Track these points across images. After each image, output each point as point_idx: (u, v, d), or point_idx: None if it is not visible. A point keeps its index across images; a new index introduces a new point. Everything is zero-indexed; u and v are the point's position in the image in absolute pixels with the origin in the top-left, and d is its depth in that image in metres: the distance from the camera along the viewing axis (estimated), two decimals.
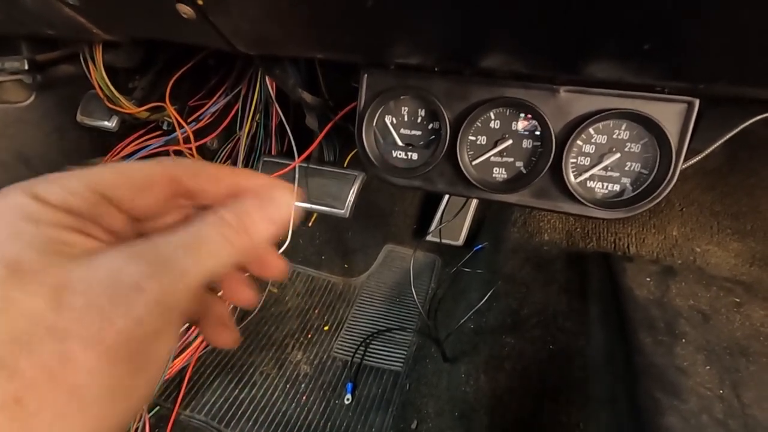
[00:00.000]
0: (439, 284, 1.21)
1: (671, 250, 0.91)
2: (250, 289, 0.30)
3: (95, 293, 0.19)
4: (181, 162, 0.25)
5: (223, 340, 0.29)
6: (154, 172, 0.24)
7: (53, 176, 0.21)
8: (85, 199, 0.21)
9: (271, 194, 0.26)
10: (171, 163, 0.25)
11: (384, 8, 0.36)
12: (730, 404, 0.59)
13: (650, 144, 0.46)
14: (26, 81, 0.84)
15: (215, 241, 0.22)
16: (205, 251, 0.22)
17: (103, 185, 0.22)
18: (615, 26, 0.33)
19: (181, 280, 0.21)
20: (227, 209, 0.24)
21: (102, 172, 0.23)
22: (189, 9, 0.42)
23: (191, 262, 0.21)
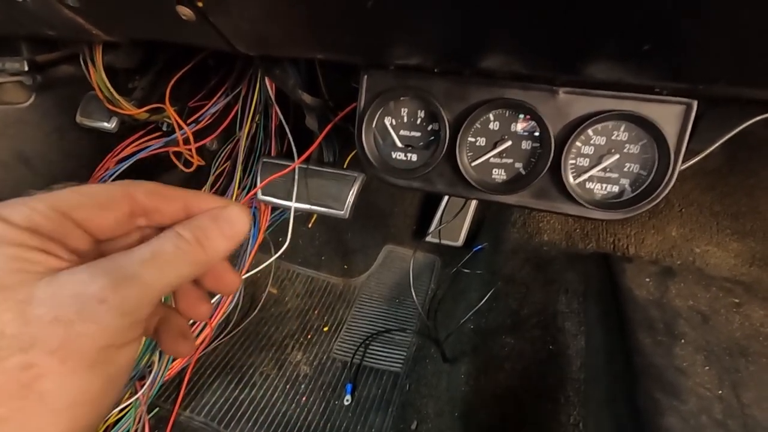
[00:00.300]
0: (439, 285, 1.21)
1: (670, 250, 0.91)
2: (206, 304, 0.32)
3: (61, 306, 0.20)
4: (138, 183, 0.27)
5: (182, 350, 0.31)
6: (113, 192, 0.26)
7: (19, 199, 0.23)
8: (49, 218, 0.23)
9: (225, 212, 0.27)
10: (128, 183, 0.27)
11: (384, 9, 0.37)
12: (730, 404, 0.59)
13: (649, 145, 0.46)
14: (26, 82, 0.84)
15: (172, 255, 0.24)
16: (164, 264, 0.23)
17: (66, 205, 0.24)
18: (615, 27, 0.33)
19: (141, 291, 0.22)
20: (183, 225, 0.25)
21: (65, 194, 0.24)
22: (189, 11, 0.42)
23: (151, 274, 0.23)
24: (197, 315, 0.31)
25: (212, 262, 0.26)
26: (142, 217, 0.27)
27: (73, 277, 0.21)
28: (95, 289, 0.21)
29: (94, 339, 0.20)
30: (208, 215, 0.27)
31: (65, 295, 0.20)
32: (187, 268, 0.24)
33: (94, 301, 0.20)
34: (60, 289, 0.20)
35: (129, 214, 0.26)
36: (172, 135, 1.01)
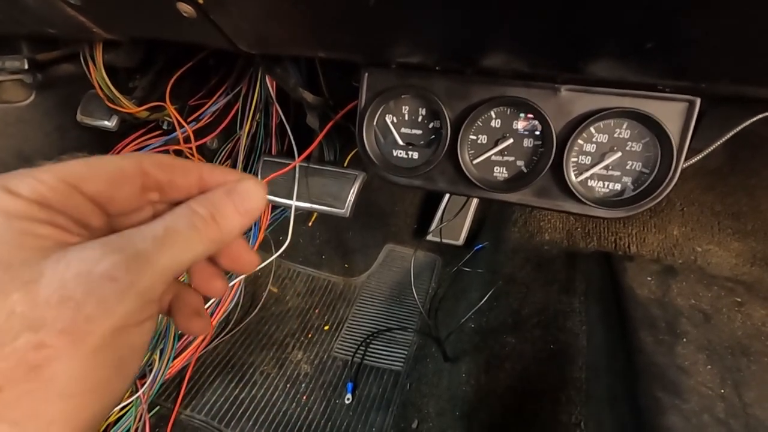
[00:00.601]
0: (440, 284, 1.21)
1: (672, 249, 0.91)
2: (221, 281, 0.30)
3: (69, 286, 0.19)
4: (150, 155, 0.26)
5: (197, 328, 0.30)
6: (125, 165, 0.24)
7: (26, 171, 0.21)
8: (58, 190, 0.21)
9: (241, 186, 0.26)
10: (141, 156, 0.25)
11: (385, 8, 0.36)
12: (732, 403, 0.59)
13: (651, 143, 0.46)
14: (26, 80, 0.84)
15: (186, 231, 0.23)
16: (177, 242, 0.22)
17: (76, 177, 0.22)
18: (617, 25, 0.32)
19: (154, 270, 0.21)
20: (197, 201, 0.24)
21: (74, 165, 0.23)
22: (190, 8, 0.42)
23: (163, 252, 0.21)
24: (212, 292, 0.30)
25: (227, 240, 0.25)
26: (155, 192, 0.26)
27: (83, 253, 0.20)
28: (105, 266, 0.19)
29: (105, 320, 0.19)
30: (223, 190, 0.25)
31: (73, 273, 0.19)
32: (201, 246, 0.23)
33: (104, 280, 0.19)
34: (68, 266, 0.19)
35: (141, 188, 0.25)
36: (173, 133, 1.01)
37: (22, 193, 0.20)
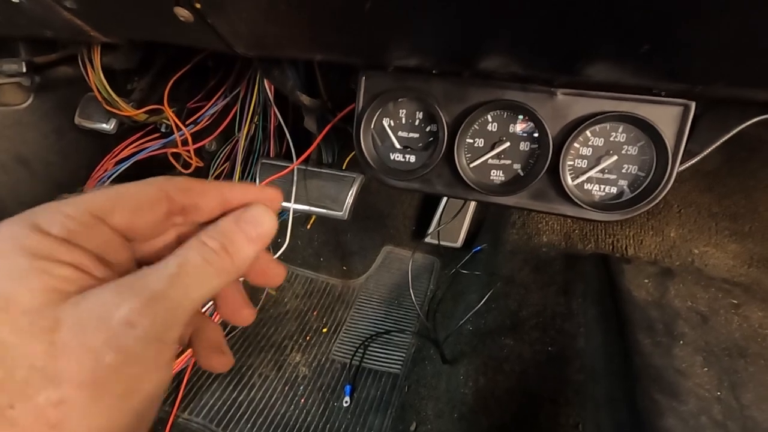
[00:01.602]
0: (438, 286, 1.21)
1: (669, 251, 0.91)
2: (248, 309, 0.30)
3: (88, 333, 0.19)
4: (171, 179, 0.25)
5: (218, 365, 0.29)
6: (150, 192, 0.24)
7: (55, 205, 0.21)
8: (86, 225, 0.21)
9: (249, 214, 0.26)
10: (162, 181, 0.25)
11: (382, 11, 0.37)
12: (729, 405, 0.59)
13: (647, 146, 0.46)
14: (24, 83, 0.84)
15: (200, 266, 0.23)
16: (192, 278, 0.22)
17: (102, 210, 0.22)
18: (612, 29, 0.33)
19: (171, 311, 0.21)
20: (208, 233, 0.24)
21: (100, 197, 0.23)
22: (187, 12, 0.42)
23: (180, 293, 0.21)
24: (240, 321, 0.30)
25: (242, 269, 0.25)
26: (179, 216, 0.26)
27: (101, 298, 0.20)
28: (124, 312, 0.19)
29: (125, 369, 0.19)
30: (232, 218, 0.26)
31: (92, 320, 0.19)
32: (216, 280, 0.23)
33: (123, 327, 0.19)
34: (86, 313, 0.19)
35: (166, 214, 0.25)
36: (171, 136, 1.01)
37: (51, 231, 0.20)
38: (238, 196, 0.27)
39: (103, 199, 0.23)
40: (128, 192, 0.24)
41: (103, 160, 1.04)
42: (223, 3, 0.40)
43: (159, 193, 0.25)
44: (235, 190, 0.27)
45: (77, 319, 0.19)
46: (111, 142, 1.03)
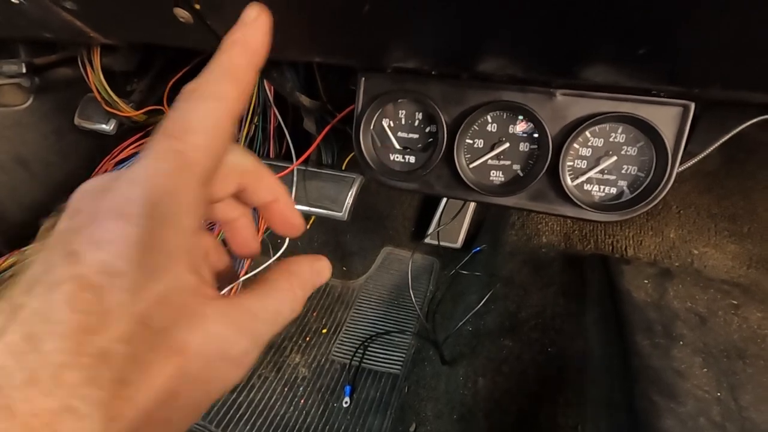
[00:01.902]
0: (438, 287, 1.21)
1: (669, 252, 0.91)
2: (256, 242, 0.33)
3: (209, 367, 0.21)
4: (253, 158, 0.27)
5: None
6: (246, 162, 0.27)
7: (187, 203, 0.21)
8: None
9: (319, 266, 0.28)
10: (253, 158, 0.27)
11: (380, 14, 0.37)
12: (728, 407, 0.59)
13: (646, 147, 0.46)
14: (24, 84, 0.84)
15: (288, 314, 0.25)
16: (281, 320, 0.25)
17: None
18: (610, 32, 0.33)
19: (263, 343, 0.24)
20: (301, 283, 0.26)
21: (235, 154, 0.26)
22: (186, 13, 0.42)
23: (271, 333, 0.24)
24: (249, 253, 0.32)
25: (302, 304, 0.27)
26: (238, 192, 0.27)
27: (222, 335, 0.21)
28: (237, 353, 0.22)
29: (217, 395, 0.22)
30: (312, 271, 0.28)
31: (214, 354, 0.21)
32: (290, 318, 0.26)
33: (232, 366, 0.22)
34: (210, 346, 0.21)
35: (235, 189, 0.27)
36: None
37: (188, 228, 0.21)
38: (284, 211, 0.29)
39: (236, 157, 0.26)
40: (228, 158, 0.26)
41: (102, 161, 1.04)
42: (223, 4, 0.40)
43: (246, 167, 0.27)
44: (286, 200, 0.29)
45: (202, 351, 0.21)
46: (110, 143, 1.03)
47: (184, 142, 0.21)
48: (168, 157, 0.21)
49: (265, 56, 0.27)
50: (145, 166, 0.20)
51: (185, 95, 0.23)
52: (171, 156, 0.21)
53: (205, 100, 0.23)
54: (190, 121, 0.22)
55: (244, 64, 0.25)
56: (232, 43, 0.25)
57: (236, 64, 0.25)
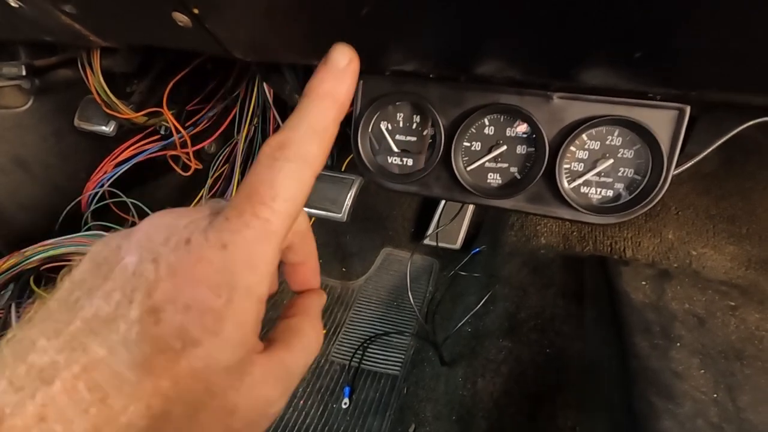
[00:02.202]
0: (437, 288, 1.21)
1: (667, 253, 0.92)
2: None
3: (251, 423, 0.22)
4: (308, 224, 0.30)
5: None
6: (304, 223, 0.29)
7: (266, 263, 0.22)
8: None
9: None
10: (307, 221, 0.30)
11: (379, 17, 0.37)
12: (725, 408, 0.59)
13: (642, 150, 0.46)
14: (24, 86, 0.84)
15: (314, 355, 0.27)
16: (306, 368, 0.26)
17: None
18: (607, 36, 0.33)
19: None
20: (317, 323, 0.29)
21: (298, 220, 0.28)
22: (185, 17, 0.43)
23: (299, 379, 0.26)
24: (308, 288, 0.33)
25: None
26: None
27: (265, 392, 0.22)
28: (276, 410, 0.23)
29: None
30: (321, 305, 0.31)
31: (256, 415, 0.22)
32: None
33: (269, 419, 0.23)
34: (255, 407, 0.22)
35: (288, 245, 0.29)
36: (170, 138, 1.02)
37: (262, 296, 0.22)
38: (314, 267, 0.32)
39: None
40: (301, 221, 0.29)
41: (102, 163, 1.04)
42: (221, 8, 0.41)
43: (300, 227, 0.29)
44: (314, 262, 0.32)
45: (248, 409, 0.22)
46: (110, 145, 1.03)
47: (271, 210, 0.21)
48: (255, 224, 0.21)
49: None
50: (233, 230, 0.21)
51: (272, 153, 0.22)
52: (258, 224, 0.21)
53: (294, 163, 0.22)
54: (278, 188, 0.22)
55: (333, 121, 0.25)
56: (322, 96, 0.24)
57: (325, 121, 0.24)
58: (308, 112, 0.23)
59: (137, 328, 0.18)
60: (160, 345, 0.19)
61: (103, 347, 0.18)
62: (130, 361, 0.18)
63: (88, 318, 0.19)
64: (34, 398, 0.17)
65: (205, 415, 0.20)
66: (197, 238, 0.20)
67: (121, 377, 0.18)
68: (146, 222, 0.22)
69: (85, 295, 0.20)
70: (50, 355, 0.18)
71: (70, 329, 0.19)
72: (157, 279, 0.19)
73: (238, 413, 0.21)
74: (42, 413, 0.17)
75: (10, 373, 0.18)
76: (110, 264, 0.20)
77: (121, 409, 0.18)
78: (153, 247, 0.20)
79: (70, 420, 0.17)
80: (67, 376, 0.18)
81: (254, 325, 0.21)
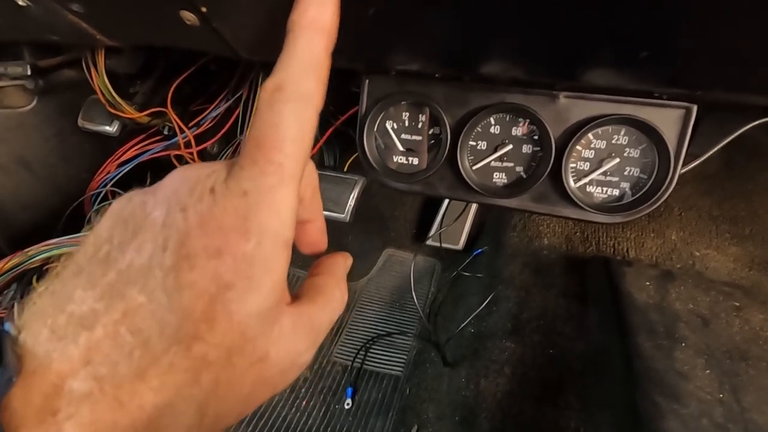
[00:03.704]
0: (439, 288, 1.21)
1: (670, 254, 0.92)
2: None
3: (281, 372, 0.23)
4: (317, 178, 0.30)
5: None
6: (313, 175, 0.29)
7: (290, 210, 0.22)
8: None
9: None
10: (316, 173, 0.30)
11: (386, 17, 0.37)
12: (730, 408, 0.59)
13: (649, 149, 0.46)
14: (28, 86, 0.85)
15: (338, 314, 0.28)
16: (331, 325, 0.27)
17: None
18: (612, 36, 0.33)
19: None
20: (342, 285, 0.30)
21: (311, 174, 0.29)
22: (192, 15, 0.43)
23: (325, 335, 0.27)
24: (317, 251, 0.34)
25: None
26: None
27: (295, 345, 0.23)
28: (304, 361, 0.24)
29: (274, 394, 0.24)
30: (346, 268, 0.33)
31: (287, 363, 0.23)
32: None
33: (296, 371, 0.24)
34: (285, 355, 0.23)
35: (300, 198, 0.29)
36: (174, 138, 1.02)
37: (288, 240, 0.23)
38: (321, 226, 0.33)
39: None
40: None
41: (105, 163, 1.04)
42: (229, 7, 0.41)
43: (310, 179, 0.29)
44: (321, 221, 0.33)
45: (279, 357, 0.23)
46: (113, 145, 1.03)
47: (283, 154, 0.21)
48: (270, 170, 0.21)
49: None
50: (251, 178, 0.21)
51: (270, 97, 0.22)
52: (273, 169, 0.21)
53: (293, 103, 0.22)
54: (284, 130, 0.21)
55: (324, 51, 0.24)
56: (306, 27, 0.23)
57: (317, 54, 0.23)
58: (297, 48, 0.23)
59: (173, 274, 0.19)
60: (196, 289, 0.19)
61: (142, 294, 0.19)
62: (170, 305, 0.19)
63: (122, 269, 0.20)
64: (77, 343, 0.18)
65: (239, 360, 0.20)
66: (220, 187, 0.21)
67: (162, 321, 0.19)
68: (169, 178, 0.22)
69: (116, 249, 0.20)
70: (89, 304, 0.19)
71: (105, 280, 0.20)
72: (188, 227, 0.20)
73: (269, 360, 0.22)
74: (87, 357, 0.18)
75: (51, 321, 0.19)
76: (137, 219, 0.21)
77: (163, 351, 0.19)
78: (180, 198, 0.21)
79: (114, 362, 0.18)
80: (107, 321, 0.19)
81: (283, 271, 0.22)
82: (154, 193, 0.22)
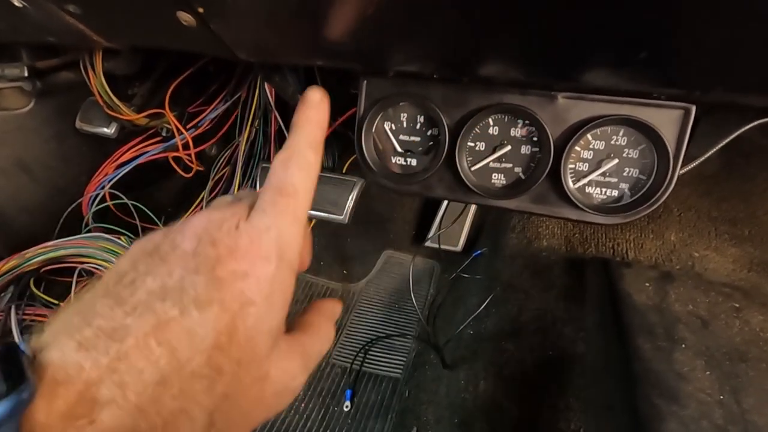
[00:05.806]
0: (438, 290, 1.21)
1: (669, 255, 0.91)
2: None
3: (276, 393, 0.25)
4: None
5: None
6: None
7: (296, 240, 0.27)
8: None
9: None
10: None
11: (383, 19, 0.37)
12: (730, 410, 0.59)
13: (648, 150, 0.46)
14: (26, 88, 0.84)
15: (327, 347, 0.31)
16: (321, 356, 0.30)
17: None
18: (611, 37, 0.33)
19: None
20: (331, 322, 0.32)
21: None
22: (190, 17, 0.43)
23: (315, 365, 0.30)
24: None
25: None
26: None
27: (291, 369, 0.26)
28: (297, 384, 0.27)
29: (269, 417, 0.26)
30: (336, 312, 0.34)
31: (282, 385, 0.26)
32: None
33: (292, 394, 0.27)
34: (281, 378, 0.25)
35: None
36: (172, 140, 1.01)
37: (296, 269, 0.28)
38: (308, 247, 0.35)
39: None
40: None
41: (103, 164, 1.04)
42: (226, 8, 0.41)
43: None
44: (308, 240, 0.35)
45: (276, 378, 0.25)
46: (112, 147, 1.03)
47: (296, 200, 0.27)
48: (287, 211, 0.27)
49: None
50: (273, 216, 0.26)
51: (284, 162, 0.29)
52: (289, 211, 0.27)
53: (301, 167, 0.29)
54: (295, 184, 0.28)
55: (320, 136, 0.32)
56: (308, 121, 0.31)
57: (315, 137, 0.31)
58: (301, 133, 0.30)
59: (205, 293, 0.22)
60: (223, 306, 0.22)
61: (175, 308, 0.22)
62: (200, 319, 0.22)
63: (153, 290, 0.22)
64: (108, 353, 0.20)
65: (245, 375, 0.23)
66: (244, 225, 0.25)
67: (191, 332, 0.21)
68: (197, 218, 0.26)
69: (142, 276, 0.23)
70: (118, 319, 0.21)
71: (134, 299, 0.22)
72: (218, 255, 0.23)
73: (269, 380, 0.24)
74: (114, 366, 0.20)
75: (78, 335, 0.21)
76: (163, 251, 0.24)
77: (188, 359, 0.21)
78: (210, 233, 0.24)
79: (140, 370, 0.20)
80: (139, 334, 0.21)
81: (292, 293, 0.26)
82: (182, 231, 0.25)
